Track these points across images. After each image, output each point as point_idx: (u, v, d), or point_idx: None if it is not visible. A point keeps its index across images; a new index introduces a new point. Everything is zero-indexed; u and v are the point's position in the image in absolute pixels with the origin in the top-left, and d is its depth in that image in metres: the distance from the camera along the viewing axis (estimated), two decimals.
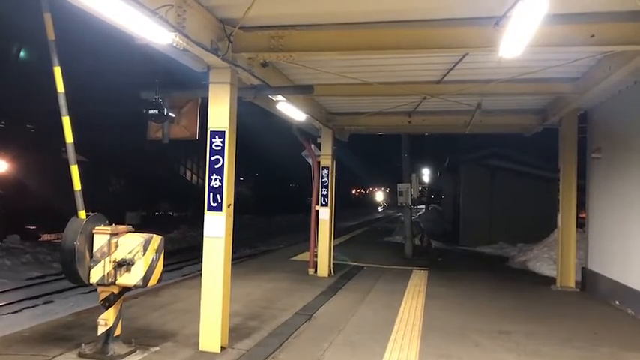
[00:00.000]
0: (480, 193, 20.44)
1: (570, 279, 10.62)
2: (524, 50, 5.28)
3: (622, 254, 8.72)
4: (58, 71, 5.14)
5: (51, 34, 5.05)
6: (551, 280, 11.17)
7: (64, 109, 5.20)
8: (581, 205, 11.19)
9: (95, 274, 5.19)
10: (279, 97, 8.08)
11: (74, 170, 5.26)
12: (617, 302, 8.84)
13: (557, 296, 10.08)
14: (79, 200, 5.25)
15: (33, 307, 11.19)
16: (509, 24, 4.77)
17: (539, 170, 18.76)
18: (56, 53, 5.09)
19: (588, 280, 10.34)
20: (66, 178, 5.32)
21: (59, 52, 5.10)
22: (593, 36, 5.43)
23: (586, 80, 7.99)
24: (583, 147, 10.81)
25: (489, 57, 6.49)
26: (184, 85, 6.68)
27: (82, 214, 5.24)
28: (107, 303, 5.29)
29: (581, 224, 11.47)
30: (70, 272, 5.18)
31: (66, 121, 5.22)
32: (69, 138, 5.28)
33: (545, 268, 12.85)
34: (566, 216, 10.74)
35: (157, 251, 5.38)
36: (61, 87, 5.17)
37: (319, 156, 11.60)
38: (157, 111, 6.33)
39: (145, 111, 6.34)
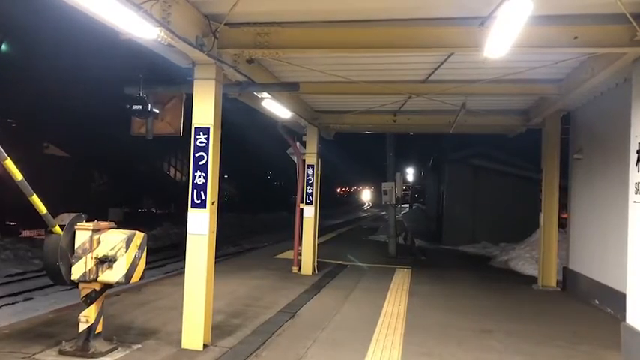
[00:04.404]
0: (464, 192, 20.59)
1: (551, 278, 10.75)
2: (508, 51, 5.32)
3: (601, 254, 8.83)
4: None
5: None
6: (532, 280, 11.30)
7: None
8: (563, 205, 11.32)
9: (77, 271, 5.14)
10: (265, 94, 8.05)
11: (35, 200, 4.99)
12: (596, 301, 8.95)
13: (538, 295, 10.20)
14: (50, 220, 5.09)
15: (13, 304, 11.03)
16: (495, 24, 4.81)
17: (523, 170, 18.91)
18: None
19: (569, 279, 10.47)
20: (48, 173, 5.22)
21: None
22: (576, 38, 5.49)
23: (569, 82, 8.08)
24: (566, 148, 10.93)
25: (474, 57, 6.52)
26: (169, 81, 6.62)
27: (57, 229, 5.14)
28: (89, 300, 5.23)
29: (562, 224, 11.61)
30: (55, 276, 5.18)
31: (9, 164, 4.67)
32: (18, 176, 4.86)
33: (527, 268, 13.00)
34: (548, 216, 10.87)
35: (140, 248, 5.34)
36: None
37: (304, 154, 11.59)
38: (140, 106, 6.25)
39: (128, 106, 6.26)
